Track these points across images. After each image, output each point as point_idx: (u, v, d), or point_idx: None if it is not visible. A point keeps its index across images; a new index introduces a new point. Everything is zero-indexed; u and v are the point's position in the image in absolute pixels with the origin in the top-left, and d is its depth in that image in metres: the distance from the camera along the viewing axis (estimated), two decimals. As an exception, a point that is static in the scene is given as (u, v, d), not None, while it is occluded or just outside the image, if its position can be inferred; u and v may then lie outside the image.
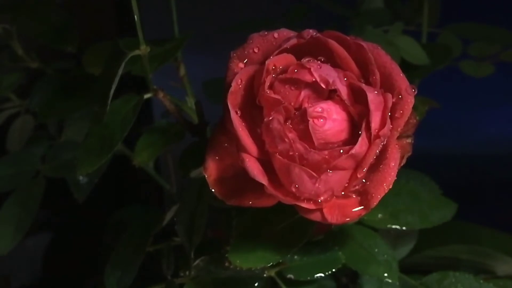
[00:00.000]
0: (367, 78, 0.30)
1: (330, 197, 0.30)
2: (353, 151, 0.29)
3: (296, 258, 0.41)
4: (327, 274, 0.40)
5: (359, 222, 0.42)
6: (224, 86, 0.32)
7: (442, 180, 0.48)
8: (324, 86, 0.29)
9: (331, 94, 0.30)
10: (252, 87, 0.31)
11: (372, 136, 0.29)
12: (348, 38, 0.30)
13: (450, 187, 0.47)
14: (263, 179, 0.29)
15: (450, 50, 0.53)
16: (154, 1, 0.54)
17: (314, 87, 0.30)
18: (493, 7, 0.76)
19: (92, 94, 0.45)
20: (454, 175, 0.85)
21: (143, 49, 0.36)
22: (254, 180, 0.29)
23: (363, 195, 0.30)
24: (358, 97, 0.30)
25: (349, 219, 0.30)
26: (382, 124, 0.29)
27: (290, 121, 0.30)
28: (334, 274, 0.41)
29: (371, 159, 0.29)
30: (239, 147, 0.30)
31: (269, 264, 0.35)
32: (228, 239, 0.41)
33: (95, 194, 0.51)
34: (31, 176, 0.51)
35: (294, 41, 0.30)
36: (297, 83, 0.30)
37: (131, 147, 0.47)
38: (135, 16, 0.35)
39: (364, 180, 0.30)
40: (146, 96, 0.38)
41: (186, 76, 0.49)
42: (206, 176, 0.32)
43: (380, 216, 0.42)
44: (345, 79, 0.30)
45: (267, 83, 0.30)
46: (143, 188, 0.83)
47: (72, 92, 0.46)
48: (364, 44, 0.30)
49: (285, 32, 0.32)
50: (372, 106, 0.29)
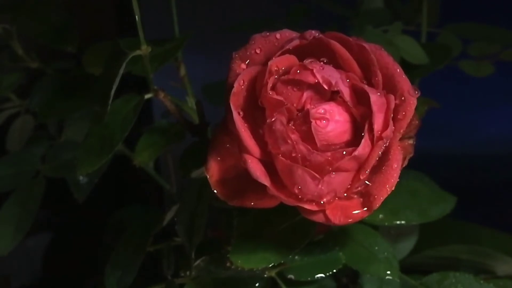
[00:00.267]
0: (369, 80, 0.30)
1: (333, 198, 0.30)
2: (356, 152, 0.29)
3: (297, 258, 0.41)
4: (327, 275, 0.40)
5: (359, 221, 0.42)
6: (226, 87, 0.31)
7: (442, 180, 0.48)
8: (326, 88, 0.29)
9: (333, 96, 0.30)
10: (255, 88, 0.31)
11: (375, 138, 0.29)
12: (350, 39, 0.30)
13: (450, 187, 0.47)
14: (265, 180, 0.29)
15: (450, 50, 0.53)
16: (154, 1, 0.54)
17: (316, 88, 0.30)
18: (493, 7, 0.76)
19: (92, 94, 0.45)
20: (454, 175, 0.85)
21: (144, 49, 0.36)
22: (256, 181, 0.29)
23: (366, 197, 0.30)
24: (361, 98, 0.30)
25: (351, 220, 0.30)
26: (385, 126, 0.29)
27: (292, 122, 0.30)
28: (335, 274, 0.41)
29: (373, 160, 0.29)
30: (241, 148, 0.30)
31: (270, 265, 0.35)
32: (228, 239, 0.41)
33: (95, 194, 0.50)
34: (31, 176, 0.51)
35: (296, 42, 0.30)
36: (299, 84, 0.30)
37: (131, 147, 0.47)
38: (136, 16, 0.35)
39: (366, 182, 0.30)
40: (147, 96, 0.38)
41: (187, 76, 0.48)
42: (208, 176, 0.32)
43: (381, 217, 0.42)
44: (347, 80, 0.30)
45: (270, 84, 0.30)
46: (143, 188, 0.83)
47: (72, 92, 0.46)
48: (366, 45, 0.30)
49: (287, 33, 0.32)
50: (374, 108, 0.29)
